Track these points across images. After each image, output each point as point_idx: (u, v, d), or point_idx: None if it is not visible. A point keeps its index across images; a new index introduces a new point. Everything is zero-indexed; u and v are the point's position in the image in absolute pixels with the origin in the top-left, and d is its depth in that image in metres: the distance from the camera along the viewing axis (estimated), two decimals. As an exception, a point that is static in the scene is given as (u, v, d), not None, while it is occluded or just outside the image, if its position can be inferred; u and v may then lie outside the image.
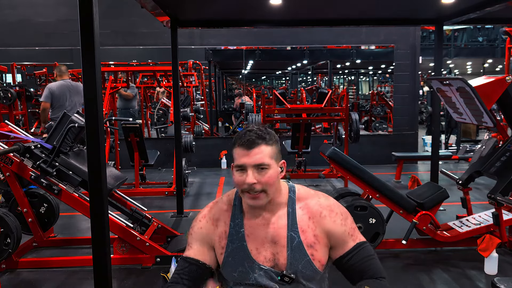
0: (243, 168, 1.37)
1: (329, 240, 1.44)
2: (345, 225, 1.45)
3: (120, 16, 7.39)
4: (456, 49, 16.73)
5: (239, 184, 1.39)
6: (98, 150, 2.13)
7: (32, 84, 9.19)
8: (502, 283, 2.15)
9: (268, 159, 1.37)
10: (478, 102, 3.27)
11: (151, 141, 7.74)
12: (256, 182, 1.35)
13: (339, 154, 3.60)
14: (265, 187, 1.37)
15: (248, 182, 1.35)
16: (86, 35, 2.06)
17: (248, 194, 1.38)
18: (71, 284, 3.19)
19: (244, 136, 1.38)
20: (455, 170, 7.33)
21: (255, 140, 1.37)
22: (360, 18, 5.06)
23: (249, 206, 1.44)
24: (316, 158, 5.50)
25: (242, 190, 1.39)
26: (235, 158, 1.40)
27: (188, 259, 1.45)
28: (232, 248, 1.43)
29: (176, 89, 4.79)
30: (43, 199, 3.72)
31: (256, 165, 1.36)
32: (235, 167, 1.40)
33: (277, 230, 1.43)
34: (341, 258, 1.44)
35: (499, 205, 3.38)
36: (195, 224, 1.51)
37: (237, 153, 1.39)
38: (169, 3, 4.08)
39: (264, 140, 1.38)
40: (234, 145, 1.41)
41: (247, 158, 1.36)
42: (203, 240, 1.47)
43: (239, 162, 1.37)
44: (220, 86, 13.69)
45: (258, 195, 1.37)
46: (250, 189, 1.37)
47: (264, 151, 1.37)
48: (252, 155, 1.36)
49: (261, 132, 1.39)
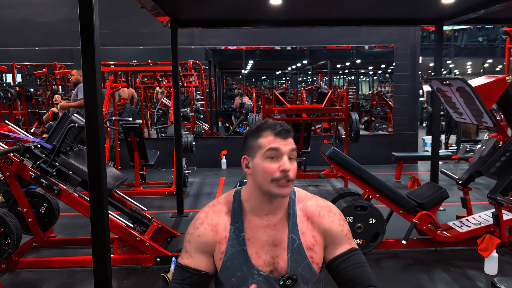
0: (278, 155, 1.35)
1: (325, 239, 1.43)
2: (343, 226, 1.45)
3: (120, 16, 7.39)
4: (456, 49, 16.74)
5: (272, 172, 1.34)
6: (98, 150, 2.13)
7: (32, 84, 9.20)
8: (502, 283, 2.15)
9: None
10: (478, 102, 3.27)
11: (151, 141, 7.74)
12: (290, 169, 1.36)
13: (339, 154, 3.60)
14: (294, 177, 1.37)
15: (286, 168, 1.34)
16: (86, 35, 2.05)
17: (279, 182, 1.35)
18: (71, 284, 3.19)
19: (276, 126, 1.37)
20: (455, 170, 7.33)
21: (290, 130, 1.39)
22: (360, 18, 5.06)
23: (256, 205, 1.41)
24: (316, 158, 5.50)
25: (273, 179, 1.35)
26: (266, 146, 1.36)
27: (190, 269, 1.42)
28: (232, 252, 1.41)
29: (176, 89, 4.79)
30: (43, 199, 3.72)
31: (291, 151, 1.37)
32: (267, 153, 1.35)
33: (278, 232, 1.41)
34: (335, 259, 1.42)
35: (499, 205, 3.38)
36: (192, 232, 1.44)
37: (270, 140, 1.36)
38: (169, 3, 4.08)
39: (292, 133, 1.41)
40: (261, 135, 1.37)
41: (284, 146, 1.36)
42: (202, 249, 1.42)
43: (275, 146, 1.36)
44: (220, 86, 13.70)
45: (288, 183, 1.36)
46: (284, 177, 1.34)
47: (294, 143, 1.40)
48: (288, 144, 1.37)
49: (288, 125, 1.41)
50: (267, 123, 1.40)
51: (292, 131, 1.41)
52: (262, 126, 1.39)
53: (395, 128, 8.06)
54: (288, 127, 1.40)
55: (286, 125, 1.40)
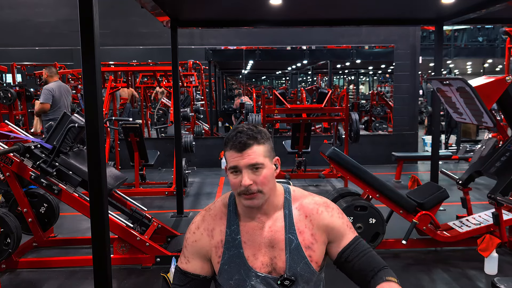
0: (237, 170, 1.35)
1: (328, 235, 1.42)
2: (343, 218, 1.45)
3: (120, 16, 7.39)
4: (456, 49, 16.74)
5: (235, 186, 1.36)
6: (98, 150, 2.13)
7: (32, 84, 9.19)
8: (502, 283, 2.15)
9: (262, 158, 1.35)
10: (478, 102, 3.27)
11: (151, 141, 7.74)
12: (252, 183, 1.34)
13: (339, 154, 3.60)
14: (261, 186, 1.35)
15: (244, 184, 1.33)
16: (86, 35, 2.05)
17: (244, 195, 1.36)
18: (71, 284, 3.19)
19: (235, 138, 1.36)
20: (455, 170, 7.33)
21: (246, 142, 1.34)
22: (360, 18, 5.06)
23: (246, 209, 1.41)
24: (316, 158, 5.50)
25: (239, 193, 1.37)
26: (228, 161, 1.37)
27: (189, 274, 1.43)
28: (229, 255, 1.41)
29: (176, 89, 4.79)
30: (43, 199, 3.72)
31: (250, 165, 1.34)
32: (229, 170, 1.37)
33: (275, 234, 1.41)
34: (343, 251, 1.42)
35: (499, 205, 3.38)
36: (189, 236, 1.45)
37: (230, 155, 1.36)
38: (169, 3, 4.08)
39: (255, 140, 1.36)
40: (226, 148, 1.38)
41: (240, 160, 1.34)
42: (199, 254, 1.43)
43: (233, 164, 1.35)
44: (220, 86, 13.70)
45: (255, 195, 1.35)
46: (246, 191, 1.35)
47: (257, 151, 1.35)
48: (245, 156, 1.34)
49: (251, 132, 1.36)
50: (231, 133, 1.39)
51: (255, 138, 1.36)
52: (227, 137, 1.39)
53: (395, 128, 8.06)
54: (248, 136, 1.35)
55: (248, 133, 1.36)
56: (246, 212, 1.43)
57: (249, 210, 1.42)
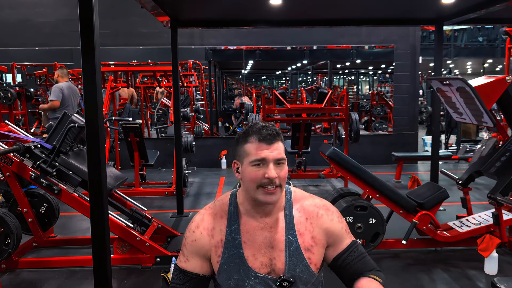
0: (264, 163, 1.34)
1: (327, 239, 1.43)
2: (342, 222, 1.46)
3: (120, 16, 7.39)
4: (456, 49, 16.73)
5: (257, 178, 1.34)
6: (98, 150, 2.13)
7: (32, 84, 9.19)
8: (502, 283, 2.15)
9: (284, 155, 1.38)
10: (478, 102, 3.27)
11: (151, 141, 7.74)
12: (277, 176, 1.34)
13: (339, 154, 3.60)
14: (282, 182, 1.36)
15: (271, 176, 1.33)
16: (86, 35, 2.05)
17: (264, 189, 1.34)
18: (71, 284, 3.19)
19: (263, 131, 1.36)
20: (455, 170, 7.32)
21: (275, 135, 1.36)
22: (360, 18, 5.06)
23: (250, 208, 1.41)
24: (316, 158, 5.50)
25: (258, 185, 1.35)
26: (252, 153, 1.35)
27: (188, 273, 1.42)
28: (228, 255, 1.41)
29: (176, 89, 4.79)
30: (43, 199, 3.72)
31: (277, 159, 1.35)
32: (253, 162, 1.35)
33: (275, 234, 1.41)
34: (340, 255, 1.43)
35: (499, 205, 3.38)
36: (188, 235, 1.45)
37: (256, 147, 1.35)
38: (169, 3, 4.08)
39: (279, 136, 1.38)
40: (248, 140, 1.37)
41: (269, 153, 1.34)
42: (198, 253, 1.43)
43: (260, 156, 1.34)
44: (220, 86, 13.69)
45: (275, 190, 1.35)
46: (269, 183, 1.34)
47: (281, 147, 1.37)
48: (274, 150, 1.35)
49: (274, 128, 1.38)
50: (253, 127, 1.39)
51: (279, 134, 1.38)
52: (249, 131, 1.38)
53: (395, 128, 8.06)
54: (274, 131, 1.37)
55: (273, 128, 1.38)
56: (249, 211, 1.43)
57: (254, 209, 1.42)
